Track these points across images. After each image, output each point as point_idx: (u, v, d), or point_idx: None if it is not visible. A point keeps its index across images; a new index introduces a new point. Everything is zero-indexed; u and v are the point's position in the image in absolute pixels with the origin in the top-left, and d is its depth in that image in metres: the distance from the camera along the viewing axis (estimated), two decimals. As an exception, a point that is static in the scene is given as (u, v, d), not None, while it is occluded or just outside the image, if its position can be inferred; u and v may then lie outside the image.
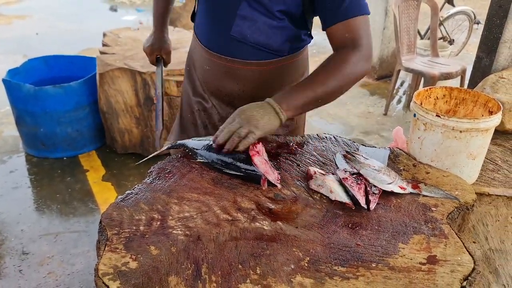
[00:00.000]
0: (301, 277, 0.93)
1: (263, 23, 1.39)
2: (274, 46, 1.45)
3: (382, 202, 1.18)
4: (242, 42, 1.43)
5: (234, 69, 1.49)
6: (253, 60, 1.47)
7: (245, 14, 1.38)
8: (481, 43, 2.06)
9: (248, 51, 1.45)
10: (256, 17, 1.38)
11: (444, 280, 0.92)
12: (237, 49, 1.45)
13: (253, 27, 1.40)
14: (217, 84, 1.56)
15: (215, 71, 1.53)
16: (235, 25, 1.40)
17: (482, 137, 1.30)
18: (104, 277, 0.92)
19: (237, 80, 1.51)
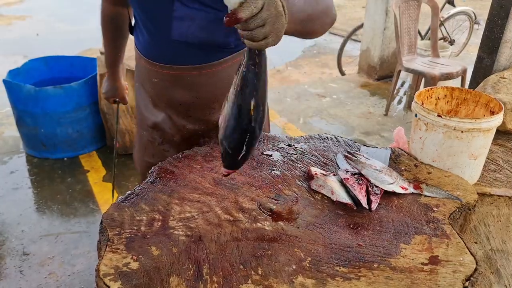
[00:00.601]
0: (302, 278, 0.93)
1: (201, 19, 1.30)
2: (220, 40, 1.36)
3: (384, 203, 1.18)
4: (185, 46, 1.35)
5: (183, 77, 1.41)
6: (202, 63, 1.38)
7: (181, 14, 1.29)
8: (482, 43, 2.06)
9: (195, 54, 1.37)
10: (193, 15, 1.29)
11: (446, 281, 0.92)
12: (182, 54, 1.37)
13: (193, 26, 1.31)
14: (169, 95, 1.46)
15: (164, 82, 1.44)
16: (174, 28, 1.32)
17: (483, 137, 1.30)
18: (105, 277, 0.92)
19: (188, 88, 1.43)
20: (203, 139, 1.52)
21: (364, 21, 5.16)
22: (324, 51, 6.80)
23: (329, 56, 6.50)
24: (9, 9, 9.15)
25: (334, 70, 5.79)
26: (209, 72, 1.40)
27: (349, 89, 4.99)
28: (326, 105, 4.58)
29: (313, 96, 4.81)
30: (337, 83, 5.18)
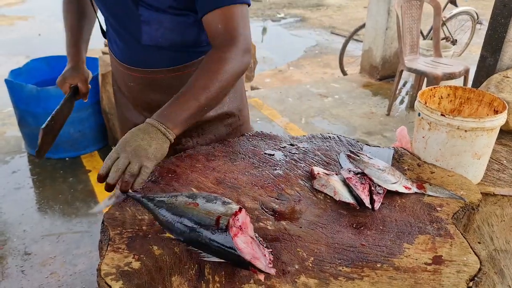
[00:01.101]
0: (305, 278, 0.92)
1: (169, 21, 1.28)
2: (191, 41, 1.33)
3: (387, 202, 1.17)
4: (157, 49, 1.33)
5: (157, 80, 1.38)
6: (176, 65, 1.36)
7: (148, 19, 1.27)
8: (485, 42, 2.05)
9: (168, 57, 1.35)
10: (160, 18, 1.27)
11: (450, 281, 0.91)
12: (155, 58, 1.35)
13: (162, 29, 1.29)
14: (145, 98, 1.44)
15: (139, 85, 1.42)
16: (144, 33, 1.30)
17: (487, 136, 1.29)
18: (107, 277, 0.91)
19: (164, 90, 1.38)
20: (184, 139, 1.49)
21: (366, 21, 5.15)
22: (326, 51, 6.80)
23: (331, 56, 6.50)
24: (11, 9, 9.17)
25: (336, 70, 5.79)
26: (184, 73, 1.37)
27: (351, 89, 4.99)
28: (328, 105, 4.57)
29: (315, 96, 4.80)
30: (339, 83, 5.17)
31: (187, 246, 0.98)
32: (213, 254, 0.94)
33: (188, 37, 1.33)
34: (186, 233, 0.97)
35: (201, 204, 1.00)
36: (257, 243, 0.96)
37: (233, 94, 1.55)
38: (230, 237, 0.91)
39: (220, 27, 1.19)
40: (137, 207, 1.13)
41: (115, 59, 1.47)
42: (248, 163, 1.36)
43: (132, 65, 1.40)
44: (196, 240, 0.95)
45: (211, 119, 1.50)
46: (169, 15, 1.27)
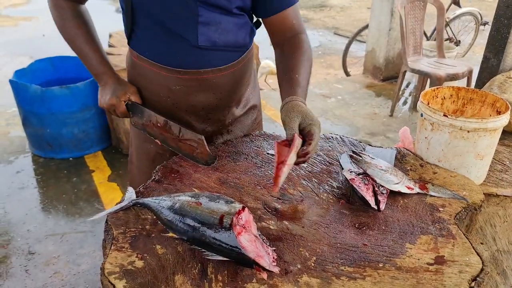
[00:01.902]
0: (307, 277, 0.93)
1: (226, 22, 1.33)
2: (241, 42, 1.41)
3: (389, 202, 1.17)
4: (212, 50, 1.35)
5: (208, 80, 1.40)
6: (225, 64, 1.40)
7: (206, 20, 1.29)
8: (488, 43, 2.05)
9: (220, 56, 1.38)
10: (218, 19, 1.31)
11: (452, 281, 0.92)
12: (208, 58, 1.36)
13: (219, 30, 1.32)
14: (192, 100, 1.43)
15: (187, 88, 1.40)
16: (200, 34, 1.30)
17: (490, 137, 1.29)
18: (110, 276, 0.92)
19: (213, 90, 1.42)
20: (215, 136, 1.53)
21: (369, 22, 5.15)
22: (329, 52, 6.80)
23: (334, 57, 6.50)
24: (15, 10, 9.21)
25: (339, 71, 5.79)
26: (231, 72, 1.42)
27: (354, 90, 4.99)
28: (331, 106, 4.57)
29: (318, 96, 4.81)
30: (342, 84, 5.17)
31: (191, 245, 0.99)
32: (216, 253, 0.94)
33: (239, 37, 1.39)
34: (189, 232, 0.98)
35: (204, 203, 1.00)
36: (261, 242, 0.97)
37: (254, 88, 1.61)
38: (233, 235, 0.92)
39: (295, 22, 1.37)
40: (140, 206, 1.14)
41: (153, 64, 1.39)
42: (251, 163, 1.36)
43: (182, 68, 1.37)
44: (200, 239, 0.96)
45: (240, 116, 1.55)
46: (228, 16, 1.32)
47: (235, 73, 1.44)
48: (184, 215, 1.00)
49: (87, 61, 1.44)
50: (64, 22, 1.41)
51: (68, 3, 1.39)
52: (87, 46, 1.42)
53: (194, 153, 1.35)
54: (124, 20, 1.39)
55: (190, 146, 1.35)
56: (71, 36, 1.42)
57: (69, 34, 1.42)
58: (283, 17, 1.36)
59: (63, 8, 1.39)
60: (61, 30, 1.43)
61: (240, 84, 1.49)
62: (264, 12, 1.37)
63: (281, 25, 1.38)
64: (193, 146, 1.34)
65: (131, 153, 1.66)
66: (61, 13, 1.40)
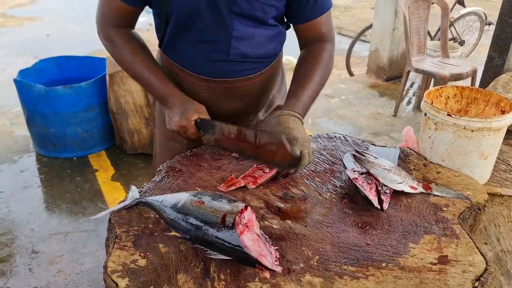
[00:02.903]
0: (310, 276, 0.92)
1: (259, 36, 1.35)
2: (272, 53, 1.44)
3: (393, 202, 1.17)
4: (242, 61, 1.37)
5: (236, 88, 1.42)
6: (254, 73, 1.42)
7: (240, 34, 1.31)
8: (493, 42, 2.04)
9: (250, 67, 1.40)
10: (252, 33, 1.33)
11: (456, 281, 0.91)
12: (238, 69, 1.39)
13: (252, 44, 1.35)
14: (220, 107, 1.45)
15: (215, 95, 1.42)
16: (233, 48, 1.32)
17: (494, 136, 1.29)
18: (113, 274, 0.92)
19: (241, 98, 1.45)
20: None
21: (373, 22, 5.14)
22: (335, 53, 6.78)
23: (338, 57, 6.47)
24: (20, 10, 9.25)
25: (342, 70, 5.77)
26: (259, 80, 1.45)
27: (357, 90, 4.97)
28: (334, 106, 4.56)
29: (321, 96, 4.79)
30: (345, 84, 5.16)
31: (193, 244, 0.99)
32: (219, 251, 0.94)
33: (269, 49, 1.42)
34: (192, 231, 0.98)
35: (207, 202, 1.00)
36: (264, 241, 0.97)
37: (280, 88, 1.63)
38: (236, 234, 0.92)
39: (324, 30, 1.40)
40: (143, 205, 1.14)
41: (187, 72, 1.40)
42: (254, 162, 1.36)
43: (212, 76, 1.39)
44: (202, 238, 0.96)
45: (263, 119, 1.57)
46: (262, 29, 1.35)
47: (264, 80, 1.47)
48: (187, 214, 1.00)
49: (149, 86, 1.39)
50: (119, 51, 1.38)
51: (117, 31, 1.36)
52: (146, 71, 1.36)
53: (275, 158, 1.23)
54: (157, 23, 1.39)
55: (269, 152, 1.24)
56: (129, 64, 1.38)
57: (126, 62, 1.38)
58: (314, 24, 1.38)
59: (114, 37, 1.36)
60: (118, 60, 1.39)
61: (268, 89, 1.53)
62: (296, 19, 1.39)
63: (310, 32, 1.40)
64: (273, 151, 1.23)
65: (155, 150, 1.68)
66: (113, 43, 1.37)
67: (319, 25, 1.39)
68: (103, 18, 1.36)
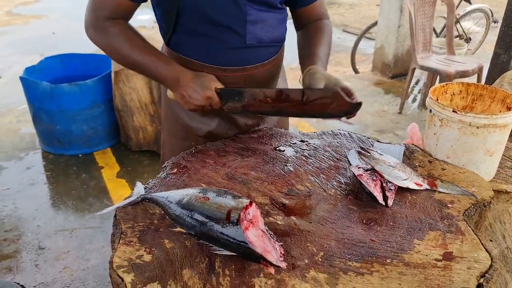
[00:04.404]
0: (315, 272, 0.93)
1: (271, 19, 1.39)
2: (282, 36, 1.48)
3: (397, 198, 1.17)
4: (258, 46, 1.40)
5: (252, 75, 1.44)
6: (268, 59, 1.45)
7: (254, 18, 1.34)
8: (499, 39, 2.03)
9: (264, 52, 1.44)
10: (264, 17, 1.36)
11: (461, 277, 0.91)
12: (254, 55, 1.41)
13: (265, 27, 1.38)
14: None
15: (232, 84, 1.39)
16: (248, 33, 1.35)
17: (499, 133, 1.28)
18: (119, 269, 0.93)
19: (256, 85, 1.45)
20: (252, 129, 1.58)
21: (378, 19, 5.12)
22: (338, 49, 6.77)
23: (343, 54, 6.46)
24: (26, 8, 9.29)
25: (347, 68, 5.76)
26: (272, 65, 1.49)
27: (363, 87, 4.96)
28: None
29: (326, 94, 4.78)
30: (350, 81, 5.15)
31: (198, 240, 0.99)
32: (224, 247, 0.95)
33: (281, 32, 1.47)
34: (197, 227, 0.98)
35: (212, 198, 1.01)
36: (268, 237, 0.97)
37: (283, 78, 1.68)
38: (241, 230, 0.92)
39: (322, 10, 1.51)
40: (148, 201, 1.14)
41: (198, 64, 1.38)
42: (259, 159, 1.36)
43: (229, 65, 1.39)
44: (207, 234, 0.96)
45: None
46: (272, 13, 1.39)
47: (275, 65, 1.51)
48: (191, 210, 1.00)
49: (152, 70, 1.32)
50: (115, 40, 1.30)
51: (112, 22, 1.29)
52: (147, 56, 1.30)
53: (328, 110, 1.22)
54: (164, 22, 1.37)
55: (320, 104, 1.23)
56: (127, 52, 1.30)
57: (123, 50, 1.30)
58: (313, 7, 1.47)
59: (109, 28, 1.29)
60: (113, 50, 1.32)
61: (276, 75, 1.56)
62: (299, 3, 1.47)
63: (309, 14, 1.49)
64: (324, 103, 1.22)
65: (163, 154, 1.66)
66: (107, 33, 1.29)
67: (318, 7, 1.48)
68: (97, 12, 1.29)
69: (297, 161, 1.35)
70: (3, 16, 8.62)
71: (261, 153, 1.39)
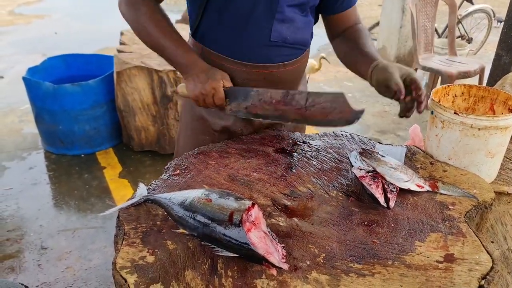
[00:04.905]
0: (316, 274, 0.93)
1: (299, 21, 1.39)
2: (306, 41, 1.48)
3: (399, 200, 1.17)
4: (281, 46, 1.40)
5: (273, 74, 1.44)
6: (290, 60, 1.45)
7: (283, 17, 1.35)
8: (501, 40, 2.03)
9: (287, 53, 1.44)
10: (293, 17, 1.37)
11: (462, 279, 0.92)
12: (276, 54, 1.42)
13: (292, 28, 1.38)
14: None
15: (253, 81, 1.42)
16: (274, 30, 1.35)
17: (501, 135, 1.28)
18: (122, 270, 0.93)
19: (276, 85, 1.43)
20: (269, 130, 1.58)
21: (380, 19, 5.13)
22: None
23: (345, 55, 6.45)
24: (28, 8, 9.31)
25: (349, 68, 5.75)
26: (293, 68, 1.48)
27: (364, 88, 4.96)
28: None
29: (328, 94, 4.78)
30: (352, 82, 5.15)
31: (201, 241, 1.00)
32: (226, 249, 0.95)
33: (306, 38, 1.47)
34: (199, 228, 0.99)
35: (214, 200, 1.01)
36: (270, 238, 0.98)
37: (304, 84, 1.67)
38: (243, 232, 0.93)
39: (356, 17, 1.51)
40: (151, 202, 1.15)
41: (222, 58, 1.41)
42: (261, 160, 1.37)
43: (250, 62, 1.41)
44: (210, 235, 0.97)
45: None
46: (301, 15, 1.40)
47: (296, 69, 1.50)
48: (194, 211, 1.01)
49: (171, 54, 1.37)
50: (142, 18, 1.36)
51: (143, 1, 1.35)
52: (169, 40, 1.36)
53: (329, 117, 1.22)
54: (193, 12, 1.41)
55: (321, 111, 1.22)
56: (151, 32, 1.36)
57: (147, 30, 1.36)
58: (348, 14, 1.48)
59: (142, 5, 1.35)
60: (138, 27, 1.38)
61: (298, 80, 1.56)
62: (331, 10, 1.47)
63: (344, 21, 1.49)
64: (327, 109, 1.21)
65: (178, 148, 1.67)
66: (138, 10, 1.35)
67: (352, 14, 1.49)
68: None
69: (299, 163, 1.35)
70: (6, 15, 8.64)
71: (263, 155, 1.40)
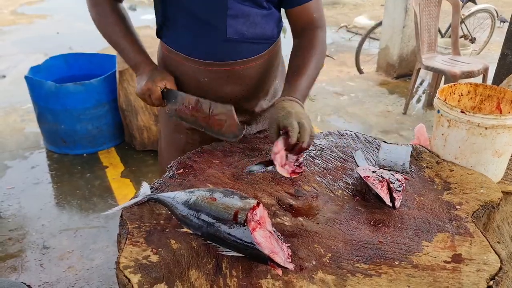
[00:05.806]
0: (322, 274, 0.92)
1: (255, 15, 1.37)
2: (268, 34, 1.44)
3: (405, 200, 1.16)
4: (239, 42, 1.38)
5: (235, 72, 1.43)
6: (252, 56, 1.43)
7: (235, 12, 1.33)
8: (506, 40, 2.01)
9: (247, 48, 1.41)
10: (247, 11, 1.34)
11: (470, 279, 0.90)
12: (236, 50, 1.40)
13: (248, 22, 1.36)
14: (220, 92, 1.46)
15: (215, 79, 1.44)
16: (229, 26, 1.34)
17: (508, 134, 1.27)
18: (126, 270, 0.92)
19: (240, 82, 1.45)
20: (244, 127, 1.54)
21: (383, 19, 5.11)
22: (342, 49, 6.76)
23: (347, 54, 6.45)
24: (30, 8, 9.32)
25: (352, 68, 5.75)
26: (258, 63, 1.46)
27: (367, 88, 4.95)
28: (344, 104, 4.54)
29: (331, 94, 4.78)
30: (355, 82, 5.14)
31: (205, 241, 0.99)
32: (231, 248, 0.94)
33: (267, 30, 1.43)
34: (203, 227, 0.98)
35: (219, 199, 1.00)
36: (276, 238, 0.96)
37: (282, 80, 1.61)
38: (248, 231, 0.91)
39: (315, 15, 1.42)
40: (154, 201, 1.14)
41: (183, 57, 1.43)
42: (265, 159, 1.35)
43: (210, 60, 1.41)
44: (214, 235, 0.96)
45: (268, 107, 1.58)
46: (256, 9, 1.37)
47: (262, 64, 1.48)
48: (198, 210, 1.00)
49: (124, 54, 1.46)
50: (102, 19, 1.46)
51: (106, 1, 1.44)
52: (124, 40, 1.44)
53: (223, 128, 1.34)
54: (156, 13, 1.44)
55: (219, 122, 1.34)
56: (109, 31, 1.46)
57: (107, 29, 1.46)
58: (305, 9, 1.41)
59: (102, 5, 1.44)
60: (99, 26, 1.47)
61: (267, 75, 1.53)
62: (288, 3, 1.42)
63: (302, 17, 1.43)
64: (222, 121, 1.33)
65: (160, 145, 1.70)
66: (99, 10, 1.45)
67: (310, 10, 1.41)
68: None
69: (303, 162, 1.34)
70: (8, 15, 8.65)
71: (267, 154, 1.39)
